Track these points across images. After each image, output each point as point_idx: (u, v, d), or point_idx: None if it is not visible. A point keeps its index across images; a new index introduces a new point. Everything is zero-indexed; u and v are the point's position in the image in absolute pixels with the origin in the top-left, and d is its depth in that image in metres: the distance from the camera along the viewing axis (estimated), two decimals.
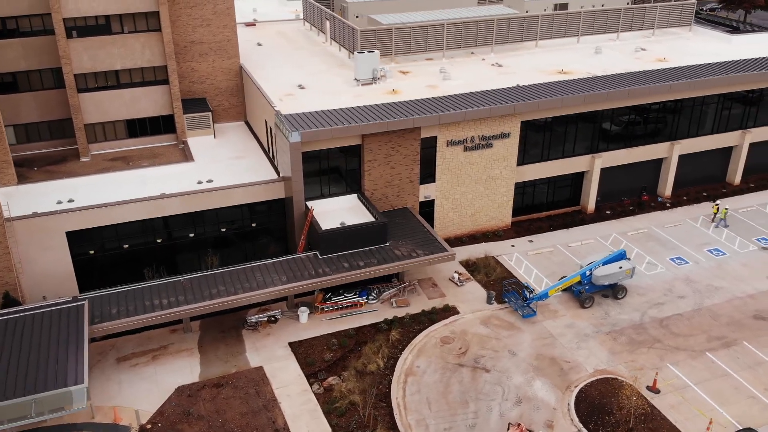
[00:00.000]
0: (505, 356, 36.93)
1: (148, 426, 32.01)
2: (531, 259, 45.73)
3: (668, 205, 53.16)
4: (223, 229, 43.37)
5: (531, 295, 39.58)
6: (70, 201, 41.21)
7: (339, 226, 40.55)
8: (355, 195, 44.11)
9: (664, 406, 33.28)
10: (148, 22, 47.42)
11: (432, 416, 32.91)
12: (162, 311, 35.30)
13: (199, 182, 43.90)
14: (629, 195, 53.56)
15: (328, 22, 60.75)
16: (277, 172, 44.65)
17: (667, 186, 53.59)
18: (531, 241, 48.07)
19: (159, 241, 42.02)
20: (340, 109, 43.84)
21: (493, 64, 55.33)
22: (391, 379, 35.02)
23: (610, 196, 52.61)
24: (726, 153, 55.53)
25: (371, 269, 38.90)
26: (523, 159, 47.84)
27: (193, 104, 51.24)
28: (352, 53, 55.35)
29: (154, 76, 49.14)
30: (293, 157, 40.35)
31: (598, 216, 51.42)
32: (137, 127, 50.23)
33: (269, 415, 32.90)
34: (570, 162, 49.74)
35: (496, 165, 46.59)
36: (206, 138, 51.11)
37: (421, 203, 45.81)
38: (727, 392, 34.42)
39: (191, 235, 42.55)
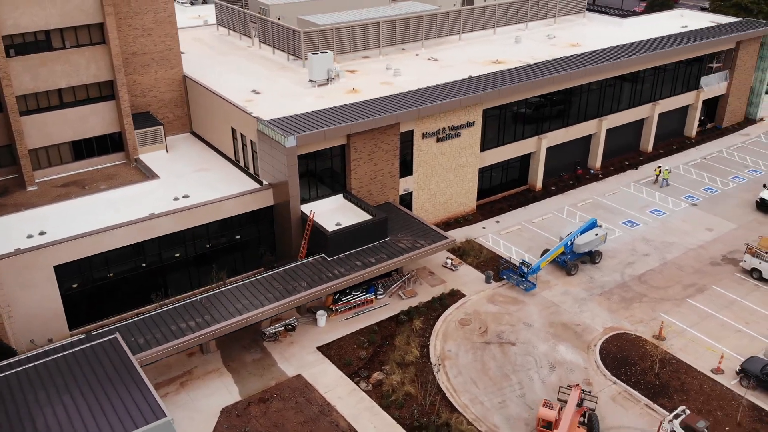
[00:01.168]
0: (523, 328, 39.25)
1: None
2: (505, 238, 48.46)
3: (600, 176, 58.34)
4: (208, 245, 41.77)
5: (528, 270, 42.17)
6: (42, 234, 37.79)
7: (337, 226, 40.65)
8: (341, 195, 44.32)
9: (675, 350, 37.19)
10: (92, 34, 44.33)
11: (482, 393, 34.44)
12: (194, 334, 33.75)
13: (176, 199, 41.98)
14: (565, 171, 58.05)
15: (253, 26, 59.75)
16: (258, 180, 43.75)
17: (597, 159, 58.76)
18: (498, 221, 50.85)
19: (145, 264, 39.71)
20: (318, 110, 43.80)
21: (428, 59, 57.43)
22: (431, 366, 36.06)
23: (550, 173, 56.72)
24: (639, 125, 61.82)
25: (384, 264, 39.56)
26: (484, 145, 50.41)
27: (140, 119, 48.52)
28: (293, 56, 55.17)
29: (100, 93, 46.03)
30: (289, 161, 39.87)
31: (546, 192, 55.36)
32: (84, 149, 46.79)
33: (329, 419, 32.74)
34: (521, 144, 53.15)
35: (463, 153, 48.79)
36: (159, 153, 48.66)
37: (401, 197, 46.92)
38: (717, 330, 39.09)
39: (180, 254, 40.66)
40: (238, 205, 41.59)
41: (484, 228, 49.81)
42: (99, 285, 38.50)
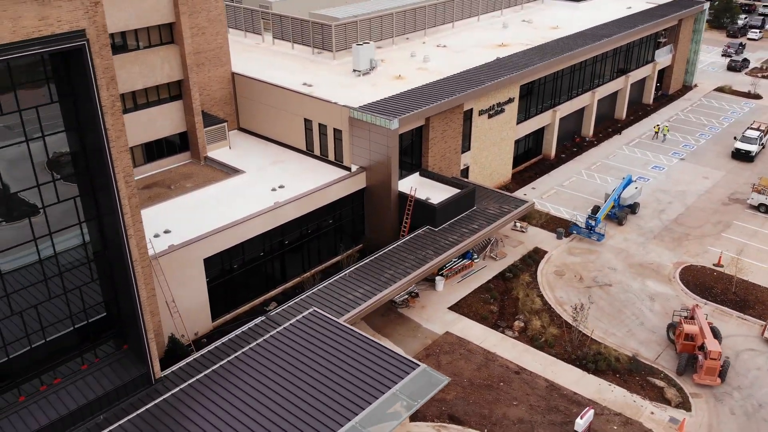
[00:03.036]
0: (610, 272, 44.91)
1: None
2: (549, 201, 53.99)
3: (595, 142, 65.54)
4: (311, 230, 43.71)
5: (594, 223, 47.91)
6: (167, 232, 38.22)
7: (428, 199, 44.05)
8: (417, 173, 47.69)
9: (736, 273, 44.36)
10: (162, 34, 44.47)
11: (609, 327, 39.67)
12: (374, 298, 36.52)
13: (273, 189, 43.49)
14: (566, 140, 64.65)
15: (265, 23, 61.07)
16: (341, 166, 46.04)
17: (590, 128, 65.95)
18: (534, 188, 56.32)
19: (264, 252, 41.12)
20: (394, 95, 46.84)
21: (438, 45, 61.66)
22: (555, 311, 40.75)
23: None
24: (614, 96, 69.78)
25: (487, 229, 43.57)
26: (518, 120, 55.64)
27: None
28: (321, 49, 57.28)
29: (169, 93, 46.14)
30: (391, 142, 42.78)
31: (559, 160, 61.61)
32: (154, 150, 46.70)
33: (497, 363, 36.55)
34: (541, 117, 58.95)
35: (504, 127, 53.71)
36: (223, 150, 49.38)
37: (461, 171, 51.01)
38: (756, 254, 46.89)
39: (293, 239, 42.35)
40: (341, 190, 43.88)
41: (525, 194, 54.92)
42: (235, 275, 39.55)
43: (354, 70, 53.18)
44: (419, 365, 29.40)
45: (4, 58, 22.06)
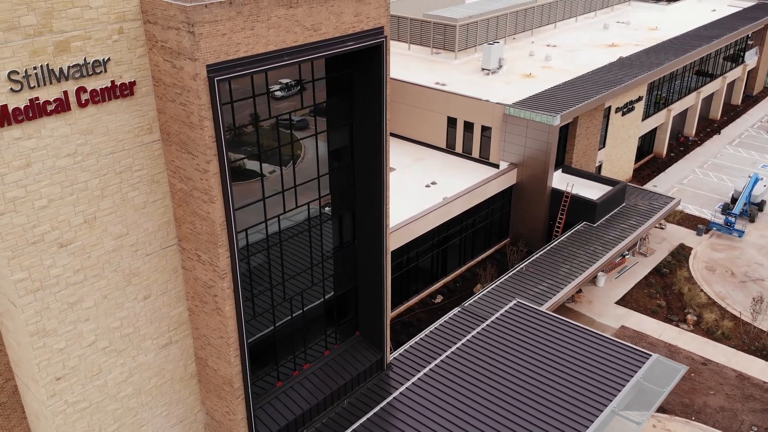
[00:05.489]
0: (758, 267, 45.64)
1: None
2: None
3: (698, 141, 66.32)
4: (466, 226, 44.42)
5: (734, 219, 48.68)
6: None
7: (576, 194, 44.91)
8: (560, 169, 48.46)
9: None
10: None
11: None
12: (565, 289, 37.53)
13: (427, 186, 44.35)
14: (671, 139, 65.37)
15: None
16: (488, 163, 46.82)
17: (693, 128, 66.76)
18: (655, 186, 57.00)
19: (432, 246, 41.93)
20: (537, 93, 47.67)
21: (548, 45, 62.52)
22: (719, 305, 41.48)
23: None
24: (710, 97, 70.57)
25: (647, 224, 44.25)
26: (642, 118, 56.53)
27: None
28: (441, 49, 58.11)
29: None
30: (551, 139, 43.56)
31: (670, 159, 62.37)
32: None
33: (682, 355, 37.25)
34: (657, 116, 59.75)
35: (632, 125, 54.52)
36: None
37: (596, 168, 51.83)
38: None
39: (450, 234, 43.10)
40: (497, 186, 44.65)
41: None
42: (408, 268, 40.34)
43: (482, 69, 54.01)
44: (651, 354, 30.12)
45: (327, 54, 22.79)
